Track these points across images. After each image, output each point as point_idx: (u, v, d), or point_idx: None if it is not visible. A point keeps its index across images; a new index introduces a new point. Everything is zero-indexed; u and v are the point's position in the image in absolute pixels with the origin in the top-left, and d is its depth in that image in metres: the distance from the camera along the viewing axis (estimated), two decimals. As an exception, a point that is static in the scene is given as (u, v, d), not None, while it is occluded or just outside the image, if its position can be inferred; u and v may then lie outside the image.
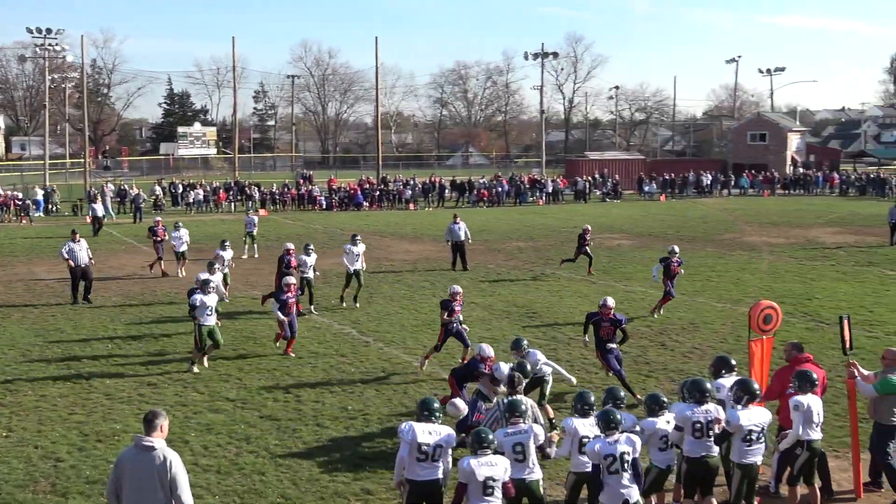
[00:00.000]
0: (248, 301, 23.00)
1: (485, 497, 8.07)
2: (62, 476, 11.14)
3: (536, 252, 33.03)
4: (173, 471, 7.25)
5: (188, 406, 14.00)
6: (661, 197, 63.11)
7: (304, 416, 13.50)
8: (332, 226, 43.73)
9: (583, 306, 22.01)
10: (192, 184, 59.34)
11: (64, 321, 20.53)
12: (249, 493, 10.62)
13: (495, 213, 52.23)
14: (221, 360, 16.86)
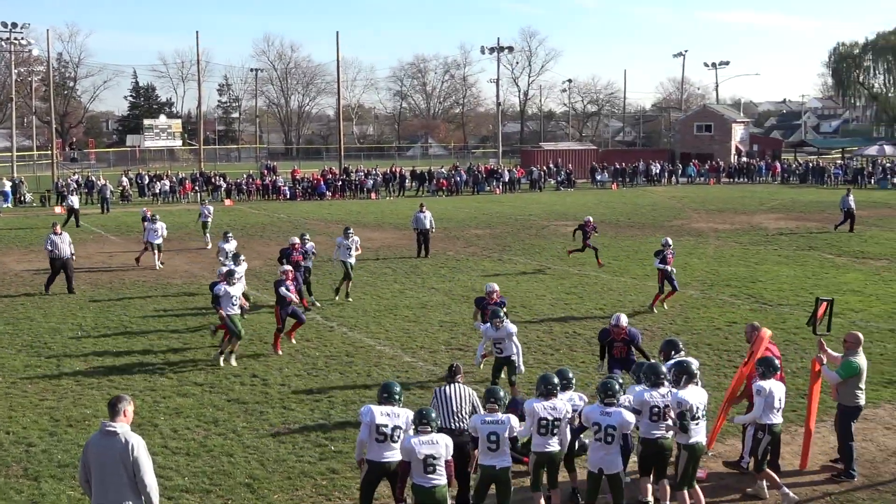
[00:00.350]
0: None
1: (426, 474, 8.10)
2: (34, 460, 11.02)
3: (494, 239, 33.11)
4: (135, 454, 7.21)
5: (157, 391, 13.90)
6: (612, 185, 63.51)
7: (271, 399, 13.46)
8: (295, 215, 43.48)
9: (538, 290, 22.18)
10: (158, 175, 58.66)
11: (34, 310, 20.24)
12: (218, 474, 10.57)
13: (454, 201, 52.22)
14: (190, 347, 16.77)
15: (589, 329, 17.85)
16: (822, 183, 63.60)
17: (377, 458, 8.48)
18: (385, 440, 8.45)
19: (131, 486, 7.25)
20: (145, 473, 7.24)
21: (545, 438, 8.87)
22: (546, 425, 8.82)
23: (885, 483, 10.28)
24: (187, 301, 21.22)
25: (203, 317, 19.23)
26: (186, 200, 53.81)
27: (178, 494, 10.04)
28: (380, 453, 8.48)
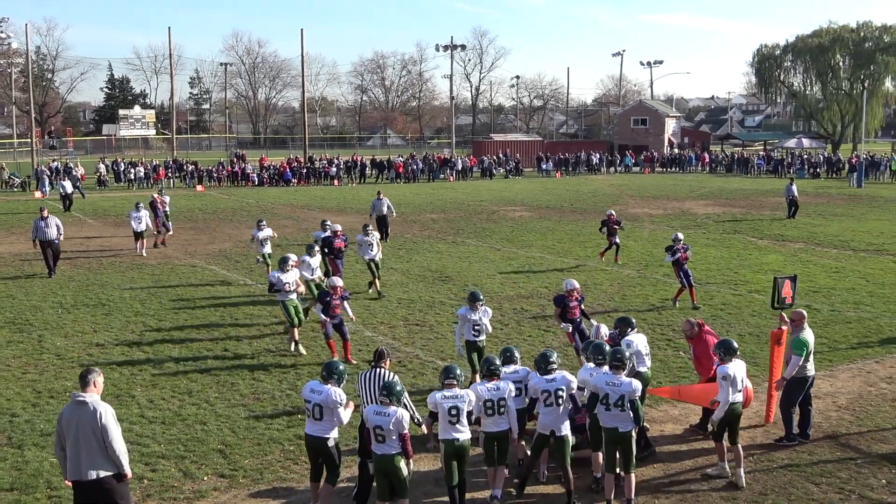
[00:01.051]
0: (189, 269, 22.60)
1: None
2: (17, 430, 10.84)
3: (448, 223, 33.10)
4: (103, 421, 7.19)
5: (134, 364, 13.73)
6: (556, 174, 63.77)
7: (241, 371, 13.37)
8: (263, 200, 43.07)
9: (489, 270, 22.25)
10: (133, 162, 57.62)
11: (15, 288, 19.84)
12: (192, 441, 10.49)
13: (411, 188, 52.07)
14: (166, 321, 16.59)
15: (535, 305, 17.99)
16: (746, 172, 64.77)
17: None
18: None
19: (102, 452, 7.22)
20: (114, 440, 7.22)
21: (493, 419, 8.74)
22: (491, 406, 8.69)
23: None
24: (161, 280, 20.94)
25: (176, 295, 19.03)
26: (160, 186, 53.01)
27: (154, 461, 9.94)
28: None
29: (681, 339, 14.73)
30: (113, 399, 11.72)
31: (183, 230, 30.36)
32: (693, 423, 11.05)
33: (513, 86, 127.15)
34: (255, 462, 9.95)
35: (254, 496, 9.12)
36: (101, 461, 7.24)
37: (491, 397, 8.66)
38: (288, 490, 9.28)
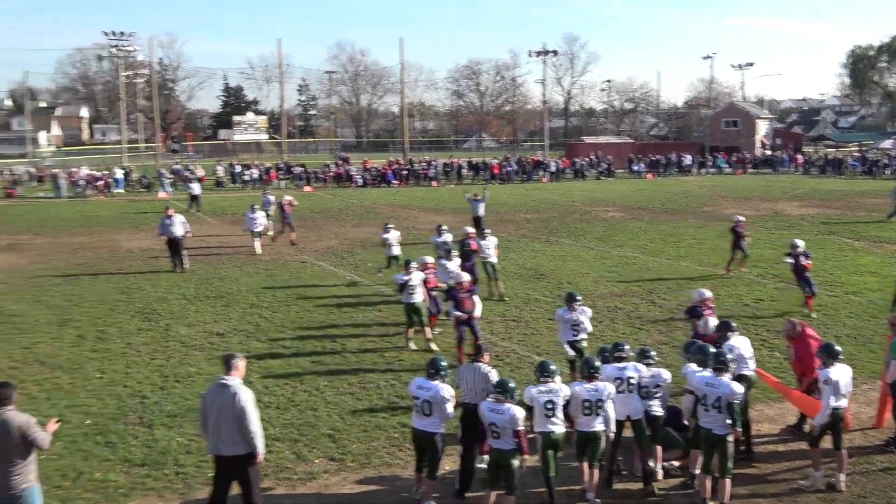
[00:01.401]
0: (299, 265, 23.13)
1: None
2: (147, 411, 11.32)
3: (542, 223, 32.91)
4: (242, 404, 7.49)
5: (251, 352, 14.11)
6: (647, 175, 62.63)
7: (349, 361, 13.61)
8: (366, 200, 43.72)
9: (583, 269, 22.02)
10: (247, 164, 59.39)
11: (144, 281, 20.69)
12: (304, 426, 10.75)
13: (505, 189, 51.97)
14: (279, 313, 17.00)
15: (629, 304, 17.71)
16: (840, 173, 61.94)
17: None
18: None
19: (239, 432, 7.49)
20: (251, 422, 7.50)
21: (589, 419, 8.61)
22: (589, 406, 8.57)
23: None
24: (274, 275, 21.48)
25: (290, 289, 19.49)
26: (271, 187, 54.40)
27: (270, 443, 10.18)
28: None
29: (775, 339, 14.30)
30: (232, 385, 12.12)
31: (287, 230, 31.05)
32: (790, 424, 10.69)
33: (604, 90, 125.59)
34: (362, 447, 10.13)
35: (361, 481, 9.27)
36: (238, 440, 7.55)
37: (590, 398, 8.55)
38: (393, 476, 9.40)
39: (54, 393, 12.03)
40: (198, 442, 10.18)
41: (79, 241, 28.09)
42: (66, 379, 12.69)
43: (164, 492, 8.93)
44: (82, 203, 43.90)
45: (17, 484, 7.04)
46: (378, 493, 9.00)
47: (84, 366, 13.36)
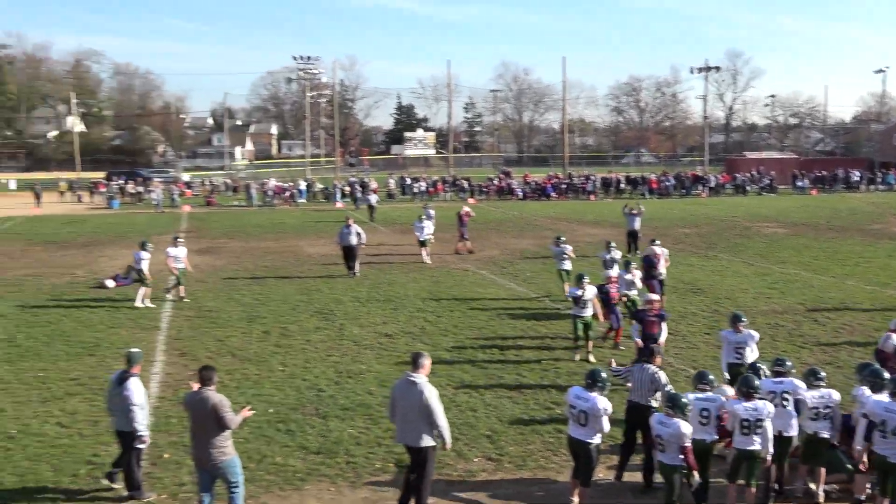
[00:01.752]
0: (461, 273, 23.41)
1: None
2: (323, 403, 11.78)
3: (700, 237, 31.73)
4: (427, 400, 7.87)
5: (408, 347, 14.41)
6: (812, 191, 59.07)
7: (508, 367, 13.63)
8: (526, 212, 43.75)
9: (742, 285, 21.04)
10: (416, 177, 60.93)
11: (322, 283, 21.61)
12: (464, 426, 10.85)
13: (663, 203, 50.52)
14: (443, 318, 17.28)
15: (790, 321, 16.74)
16: None
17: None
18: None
19: (425, 425, 7.88)
20: (437, 416, 7.87)
21: (747, 438, 8.20)
22: (748, 425, 8.15)
23: None
24: (439, 282, 21.84)
25: (451, 295, 19.77)
26: (438, 199, 55.55)
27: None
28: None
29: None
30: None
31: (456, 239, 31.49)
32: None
33: (767, 104, 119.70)
34: (518, 449, 10.11)
35: (517, 481, 9.26)
36: (422, 433, 7.91)
37: (748, 417, 8.13)
38: (548, 479, 9.33)
39: (243, 383, 12.78)
40: (367, 434, 10.54)
41: (267, 246, 29.74)
42: (253, 370, 13.45)
43: (337, 479, 9.28)
44: (270, 211, 46.51)
45: (216, 456, 7.76)
46: (533, 495, 8.95)
47: (269, 359, 14.12)
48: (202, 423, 7.77)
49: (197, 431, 7.85)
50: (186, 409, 8.04)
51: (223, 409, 7.76)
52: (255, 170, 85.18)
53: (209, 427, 7.75)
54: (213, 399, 7.78)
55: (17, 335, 15.82)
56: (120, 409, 8.64)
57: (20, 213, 45.96)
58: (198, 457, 7.89)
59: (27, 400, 11.91)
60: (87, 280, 22.30)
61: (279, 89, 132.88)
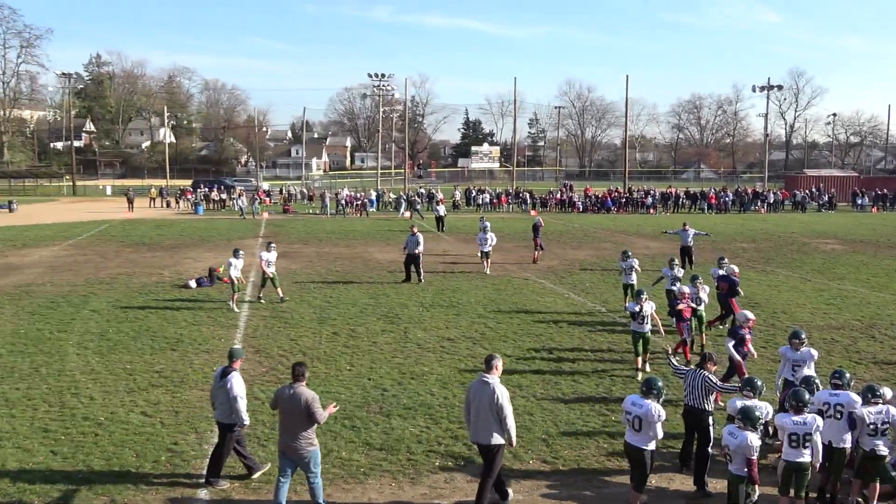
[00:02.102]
0: (521, 281, 23.27)
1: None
2: (387, 402, 11.84)
3: (758, 252, 30.86)
4: (500, 401, 8.04)
5: (475, 357, 14.39)
6: (873, 209, 56.94)
7: (564, 373, 13.48)
8: (586, 224, 43.29)
9: (799, 300, 20.38)
10: (481, 189, 60.93)
11: (388, 289, 21.75)
12: (521, 429, 10.66)
13: (722, 218, 49.38)
14: (502, 324, 17.21)
15: (846, 337, 16.13)
16: None
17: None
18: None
19: (496, 424, 8.02)
20: (507, 416, 8.02)
21: (796, 450, 7.95)
22: (796, 439, 7.91)
23: None
24: (500, 289, 21.74)
25: (513, 304, 19.67)
26: (501, 210, 55.46)
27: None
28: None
29: None
30: (458, 384, 12.45)
31: (518, 248, 31.42)
32: None
33: (828, 123, 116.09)
34: (572, 453, 9.98)
35: (570, 484, 9.14)
36: (494, 430, 8.06)
37: (796, 430, 7.90)
38: (601, 482, 9.19)
39: (312, 380, 12.89)
40: (427, 433, 10.54)
41: (338, 252, 30.11)
42: (322, 369, 13.61)
43: (398, 475, 9.30)
44: (342, 219, 47.12)
45: (303, 446, 8.04)
46: (587, 497, 8.82)
47: (337, 359, 14.27)
48: (293, 415, 8.02)
49: (287, 423, 8.08)
50: (278, 402, 8.21)
51: (315, 404, 8.03)
52: (330, 180, 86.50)
53: (300, 420, 8.01)
54: (306, 394, 8.05)
55: (108, 329, 16.38)
56: (221, 402, 8.92)
57: (115, 216, 47.64)
58: (285, 446, 8.10)
59: (115, 390, 12.30)
60: (173, 280, 22.94)
61: (354, 105, 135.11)
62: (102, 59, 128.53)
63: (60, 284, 22.02)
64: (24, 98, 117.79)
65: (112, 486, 8.87)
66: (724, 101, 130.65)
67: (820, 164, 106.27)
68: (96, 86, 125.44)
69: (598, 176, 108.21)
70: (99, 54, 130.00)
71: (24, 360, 13.91)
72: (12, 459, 9.52)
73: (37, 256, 28.40)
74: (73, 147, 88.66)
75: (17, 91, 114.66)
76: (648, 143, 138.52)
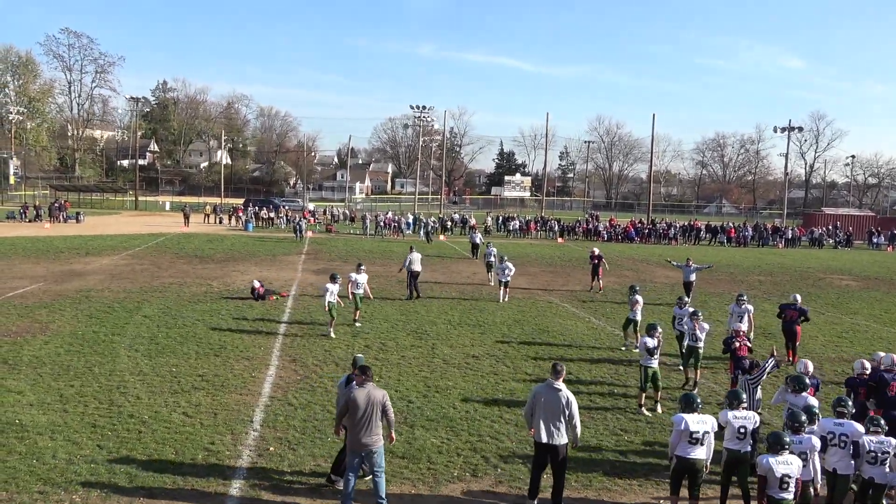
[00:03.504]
0: (545, 304, 23.11)
1: (780, 490, 7.32)
2: (411, 413, 11.77)
3: (774, 285, 30.28)
4: (572, 404, 8.44)
5: (497, 374, 14.30)
6: (888, 248, 55.63)
7: (581, 393, 13.23)
8: (610, 253, 42.83)
9: (812, 332, 19.92)
10: (511, 216, 60.91)
11: (419, 305, 21.70)
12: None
13: (741, 251, 48.60)
14: (524, 343, 17.06)
15: (857, 370, 15.68)
16: None
17: (685, 455, 8.16)
18: (696, 443, 8.14)
19: (564, 426, 8.37)
20: (574, 416, 8.47)
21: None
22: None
23: None
24: (524, 311, 21.60)
25: (527, 321, 19.52)
26: (530, 237, 55.27)
27: (510, 459, 10.22)
28: (687, 451, 8.15)
29: None
30: (480, 400, 12.34)
31: (543, 272, 31.23)
32: None
33: (847, 164, 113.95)
34: (584, 469, 9.79)
35: (581, 500, 8.97)
36: (560, 432, 8.38)
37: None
38: (612, 501, 9.00)
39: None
40: (448, 445, 10.44)
41: (375, 270, 30.15)
42: (353, 379, 13.59)
43: (418, 483, 9.22)
44: (381, 240, 47.33)
45: (375, 441, 8.28)
46: (596, 513, 8.66)
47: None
48: (369, 412, 8.20)
49: (362, 420, 8.20)
50: (352, 400, 8.27)
51: (388, 402, 8.37)
52: (371, 203, 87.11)
53: (374, 416, 8.23)
54: (378, 393, 8.35)
55: (157, 334, 16.59)
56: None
57: (171, 230, 48.46)
58: (357, 442, 8.22)
59: (160, 390, 12.43)
60: (221, 291, 23.20)
61: (396, 133, 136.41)
62: (168, 85, 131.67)
63: (117, 291, 22.41)
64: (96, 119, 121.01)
65: (151, 479, 8.93)
66: (747, 141, 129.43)
67: (838, 203, 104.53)
68: (162, 109, 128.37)
69: (623, 207, 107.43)
70: (165, 81, 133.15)
71: (79, 360, 14.13)
72: (62, 451, 9.65)
73: (98, 264, 28.97)
74: (138, 165, 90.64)
75: (90, 112, 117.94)
76: (673, 178, 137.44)
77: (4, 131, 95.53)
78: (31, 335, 16.06)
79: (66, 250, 33.63)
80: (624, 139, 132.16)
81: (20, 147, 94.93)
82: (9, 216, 55.08)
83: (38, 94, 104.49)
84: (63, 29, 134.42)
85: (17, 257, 30.45)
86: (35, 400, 11.67)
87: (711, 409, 12.06)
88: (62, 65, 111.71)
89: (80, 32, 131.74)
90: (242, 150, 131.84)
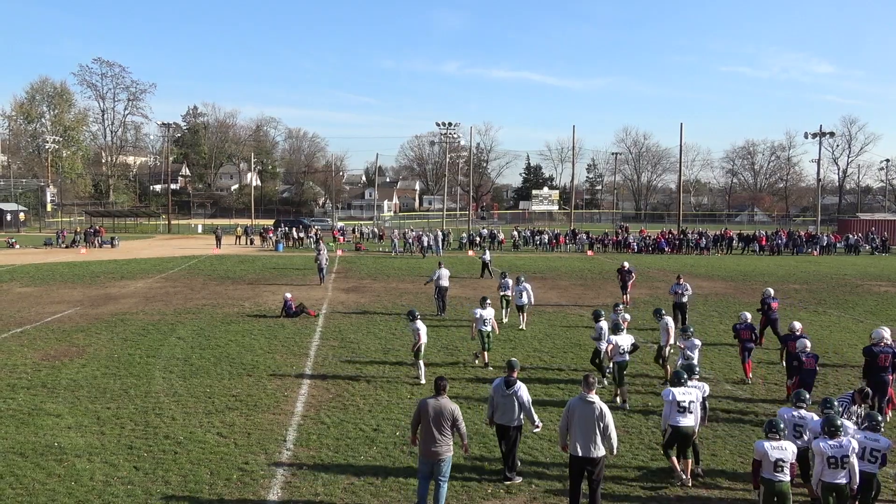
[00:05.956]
0: (577, 317, 22.92)
1: (775, 472, 7.89)
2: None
3: (810, 293, 29.72)
4: (605, 418, 8.41)
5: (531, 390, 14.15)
6: (927, 252, 54.43)
7: (614, 406, 13.13)
8: (641, 265, 42.45)
9: (850, 340, 19.49)
10: (540, 230, 60.72)
11: (449, 321, 21.61)
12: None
13: (775, 260, 47.84)
14: (556, 357, 16.92)
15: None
16: None
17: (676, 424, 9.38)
18: (683, 412, 9.45)
19: (600, 437, 8.34)
20: (610, 429, 8.42)
21: (834, 471, 7.90)
22: (835, 462, 7.86)
23: None
24: (554, 324, 21.44)
25: (556, 337, 19.35)
26: (559, 250, 55.01)
27: (531, 463, 10.12)
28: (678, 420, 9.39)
29: None
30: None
31: (573, 286, 31.02)
32: None
33: (882, 168, 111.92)
34: (616, 485, 9.68)
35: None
36: (596, 444, 8.35)
37: (834, 454, 7.85)
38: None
39: (375, 406, 12.94)
40: (480, 462, 10.35)
41: (404, 287, 30.27)
42: (384, 396, 13.61)
43: (451, 500, 9.12)
44: (409, 257, 47.44)
45: (445, 450, 8.54)
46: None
47: (398, 387, 14.25)
48: (440, 422, 8.49)
49: (433, 429, 8.48)
50: (424, 411, 8.56)
51: (459, 416, 8.64)
52: (399, 220, 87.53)
53: (445, 427, 8.50)
54: (451, 405, 8.63)
55: (191, 355, 16.78)
56: (508, 408, 9.54)
57: (203, 252, 49.14)
58: (429, 451, 8.48)
59: (195, 411, 12.55)
60: (252, 311, 23.42)
61: (423, 151, 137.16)
62: (199, 110, 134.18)
63: (151, 313, 22.75)
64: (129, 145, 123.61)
65: (187, 500, 9.00)
66: (778, 148, 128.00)
67: (873, 209, 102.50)
68: (192, 134, 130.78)
69: (653, 218, 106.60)
70: (195, 106, 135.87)
71: (115, 382, 14.35)
72: (99, 473, 9.77)
73: (133, 288, 29.45)
74: (170, 189, 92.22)
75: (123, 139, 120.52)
76: (703, 188, 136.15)
77: (41, 160, 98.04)
78: (69, 359, 16.35)
79: (102, 275, 34.26)
80: (652, 149, 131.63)
81: (56, 175, 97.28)
82: (46, 242, 56.33)
83: (73, 123, 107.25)
84: (96, 59, 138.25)
85: (55, 282, 31.10)
86: (73, 423, 11.86)
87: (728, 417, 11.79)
88: (95, 93, 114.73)
89: (112, 62, 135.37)
90: (272, 171, 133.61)
